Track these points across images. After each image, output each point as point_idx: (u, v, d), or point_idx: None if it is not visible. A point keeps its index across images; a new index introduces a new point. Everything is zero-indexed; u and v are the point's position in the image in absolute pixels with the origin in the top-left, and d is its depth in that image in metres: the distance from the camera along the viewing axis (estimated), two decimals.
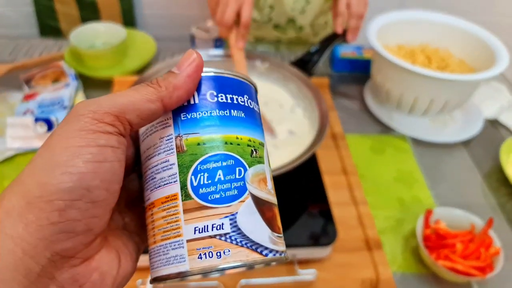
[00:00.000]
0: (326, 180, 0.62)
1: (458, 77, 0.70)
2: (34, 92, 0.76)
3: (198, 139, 0.21)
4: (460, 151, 0.76)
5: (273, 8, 0.95)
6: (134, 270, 0.22)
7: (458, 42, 0.83)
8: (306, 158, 0.50)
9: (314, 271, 0.51)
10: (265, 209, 0.22)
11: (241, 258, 0.20)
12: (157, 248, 0.22)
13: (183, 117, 0.22)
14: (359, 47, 0.94)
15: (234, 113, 0.22)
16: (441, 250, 0.55)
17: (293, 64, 0.70)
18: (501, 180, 0.71)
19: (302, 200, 0.58)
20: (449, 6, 1.14)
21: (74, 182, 0.18)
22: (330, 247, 0.53)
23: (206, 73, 0.23)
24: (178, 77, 0.21)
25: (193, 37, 0.88)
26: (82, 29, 0.88)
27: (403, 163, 0.73)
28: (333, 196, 0.61)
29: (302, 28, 1.00)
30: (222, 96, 0.22)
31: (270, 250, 0.21)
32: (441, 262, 0.53)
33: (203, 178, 0.21)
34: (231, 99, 0.23)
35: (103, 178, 0.19)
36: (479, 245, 0.54)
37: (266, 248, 0.21)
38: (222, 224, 0.20)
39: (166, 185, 0.21)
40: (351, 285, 0.53)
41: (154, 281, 0.22)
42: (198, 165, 0.21)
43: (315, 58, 0.73)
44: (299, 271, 0.51)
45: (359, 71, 0.92)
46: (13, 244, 0.17)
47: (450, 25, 0.84)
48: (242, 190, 0.21)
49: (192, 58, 0.22)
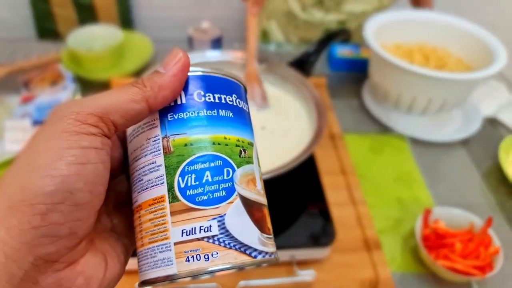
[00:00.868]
0: (325, 180, 0.62)
1: (456, 76, 0.70)
2: (32, 94, 0.76)
3: (185, 140, 0.21)
4: (458, 150, 0.76)
5: None
6: (122, 273, 0.22)
7: (456, 41, 0.83)
8: (304, 158, 0.50)
9: (312, 272, 0.51)
10: (254, 210, 0.22)
11: (229, 260, 0.20)
12: (145, 251, 0.21)
13: (170, 117, 0.21)
14: (357, 46, 0.94)
15: (222, 112, 0.22)
16: (440, 250, 0.54)
17: (290, 64, 0.70)
18: (500, 179, 0.71)
19: (300, 200, 0.58)
20: (446, 4, 1.14)
21: (56, 185, 0.17)
22: (328, 248, 0.53)
23: (193, 72, 0.22)
24: (164, 76, 0.21)
25: (190, 38, 0.88)
26: (80, 31, 0.88)
27: (402, 163, 0.73)
28: (331, 196, 0.60)
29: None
30: (209, 95, 0.22)
31: (260, 252, 0.21)
32: (440, 262, 0.53)
33: (191, 180, 0.20)
34: (219, 99, 0.22)
35: (87, 180, 0.18)
36: (478, 244, 0.54)
37: (255, 249, 0.21)
38: (210, 226, 0.20)
39: (153, 187, 0.21)
40: (350, 285, 0.53)
41: (142, 284, 0.22)
42: (185, 166, 0.21)
43: (312, 58, 0.73)
44: (298, 272, 0.51)
45: (357, 71, 0.92)
46: None
47: (448, 24, 0.84)
48: (230, 191, 0.21)
49: (178, 57, 0.21)
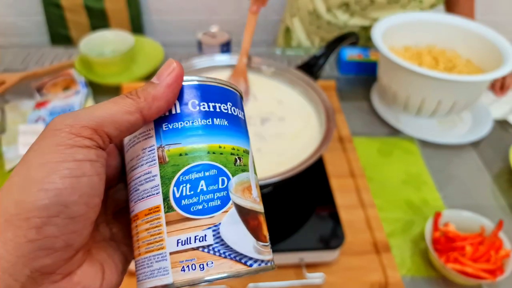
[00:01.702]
0: (334, 183, 0.62)
1: (465, 78, 0.69)
2: (45, 100, 0.77)
3: (180, 150, 0.21)
4: (469, 153, 0.76)
5: None
6: (120, 282, 0.22)
7: (465, 43, 0.83)
8: (313, 161, 0.51)
9: (322, 275, 0.52)
10: (249, 218, 0.22)
11: (224, 269, 0.20)
12: (141, 260, 0.22)
13: (165, 127, 0.21)
14: (366, 49, 0.94)
15: (216, 121, 0.22)
16: (450, 253, 0.54)
17: (298, 68, 0.70)
18: (511, 181, 0.70)
19: (309, 203, 0.58)
20: None
21: (50, 198, 0.18)
22: (338, 251, 0.53)
23: (188, 81, 0.22)
24: (158, 87, 0.21)
25: (199, 42, 0.89)
26: (92, 37, 0.89)
27: (411, 165, 0.73)
28: (340, 199, 0.61)
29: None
30: (204, 104, 0.22)
31: (255, 260, 0.21)
32: (450, 265, 0.53)
33: (186, 189, 0.21)
34: (214, 107, 0.22)
35: (82, 193, 0.19)
36: (489, 247, 0.53)
37: (251, 258, 0.21)
38: (205, 235, 0.20)
39: (149, 197, 0.21)
40: None
41: None
42: (180, 176, 0.21)
43: (321, 61, 0.73)
44: (307, 275, 0.52)
45: (366, 74, 0.92)
46: None
47: (457, 25, 0.83)
48: (225, 200, 0.21)
49: (171, 68, 0.21)
